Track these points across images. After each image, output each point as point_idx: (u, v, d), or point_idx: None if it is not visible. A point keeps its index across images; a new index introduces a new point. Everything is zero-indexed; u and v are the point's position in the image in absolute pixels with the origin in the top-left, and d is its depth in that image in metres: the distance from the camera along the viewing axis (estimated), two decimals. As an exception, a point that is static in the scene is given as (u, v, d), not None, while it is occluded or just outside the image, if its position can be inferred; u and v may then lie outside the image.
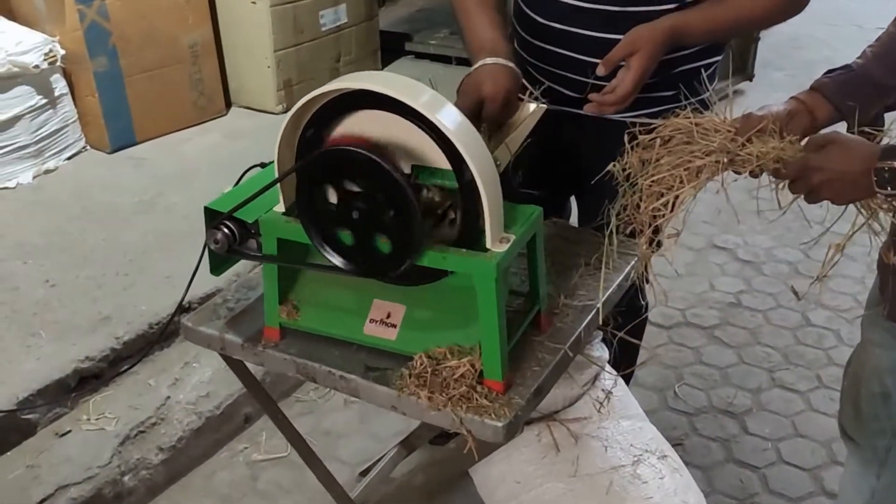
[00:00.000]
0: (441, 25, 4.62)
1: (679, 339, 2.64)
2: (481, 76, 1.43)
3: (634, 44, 1.42)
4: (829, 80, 1.36)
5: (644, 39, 1.42)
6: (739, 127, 1.29)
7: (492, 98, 1.40)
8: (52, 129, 3.18)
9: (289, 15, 3.61)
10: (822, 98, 1.35)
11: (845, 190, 1.21)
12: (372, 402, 1.28)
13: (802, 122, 1.33)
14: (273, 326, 1.35)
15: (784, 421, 2.33)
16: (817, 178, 1.21)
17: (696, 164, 1.27)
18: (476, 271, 1.17)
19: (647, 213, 1.30)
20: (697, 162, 1.27)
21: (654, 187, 1.29)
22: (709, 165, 1.27)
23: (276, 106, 3.71)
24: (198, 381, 2.25)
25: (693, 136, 1.30)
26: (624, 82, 1.42)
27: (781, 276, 2.94)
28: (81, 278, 2.50)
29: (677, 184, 1.28)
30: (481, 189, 1.15)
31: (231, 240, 1.31)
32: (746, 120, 1.29)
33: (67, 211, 2.90)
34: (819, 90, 1.36)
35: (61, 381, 2.13)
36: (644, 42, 1.42)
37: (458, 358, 1.23)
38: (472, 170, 1.14)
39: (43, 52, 3.06)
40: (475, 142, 1.17)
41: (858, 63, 1.38)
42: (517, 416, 1.20)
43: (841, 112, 1.34)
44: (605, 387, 1.63)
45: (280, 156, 1.24)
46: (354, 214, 1.18)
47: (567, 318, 1.39)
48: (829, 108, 1.34)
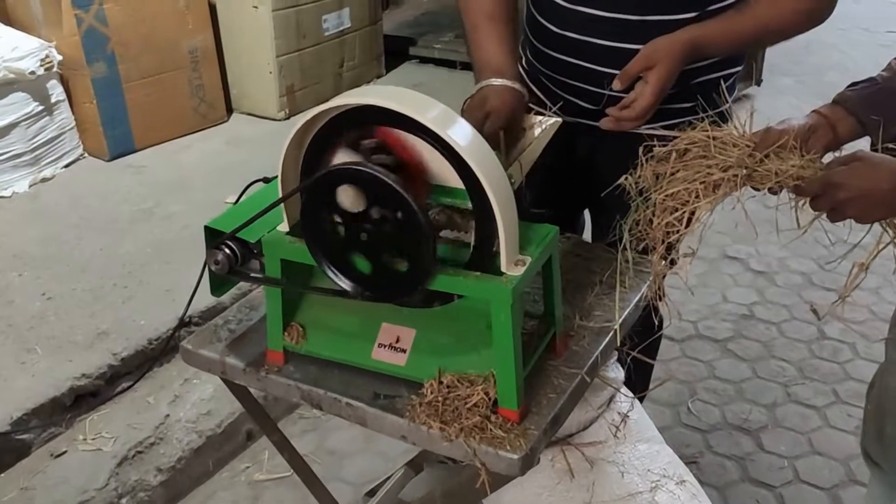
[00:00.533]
0: (445, 29, 4.57)
1: (692, 353, 2.58)
2: (486, 94, 1.38)
3: (652, 57, 1.37)
4: (853, 93, 1.31)
5: (662, 52, 1.36)
6: (759, 142, 1.23)
7: (496, 113, 1.35)
8: (49, 137, 3.13)
9: (291, 20, 3.56)
10: (844, 112, 1.29)
11: (871, 208, 1.17)
12: (380, 431, 1.22)
13: (824, 137, 1.28)
14: (276, 350, 1.29)
15: (800, 438, 2.27)
16: (842, 195, 1.16)
17: (713, 179, 1.22)
18: (492, 297, 1.11)
19: (661, 229, 1.24)
20: (714, 176, 1.22)
21: (668, 202, 1.24)
22: (726, 181, 1.21)
23: (279, 112, 3.66)
24: (198, 398, 2.20)
25: (710, 149, 1.24)
26: (642, 97, 1.36)
27: (795, 287, 2.88)
28: (79, 291, 2.44)
29: (692, 199, 1.22)
30: (496, 209, 1.09)
31: (232, 261, 1.25)
32: (766, 135, 1.24)
33: (64, 220, 2.85)
34: (842, 104, 1.30)
35: (57, 400, 2.07)
36: (662, 55, 1.36)
37: (470, 385, 1.17)
38: (487, 188, 1.08)
39: (39, 57, 3.01)
40: (489, 159, 1.11)
41: (883, 76, 1.33)
42: (533, 448, 1.14)
43: (864, 126, 1.28)
44: (620, 409, 1.57)
45: (284, 174, 1.18)
46: (363, 236, 1.12)
47: (583, 341, 1.33)
48: (851, 123, 1.29)
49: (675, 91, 1.45)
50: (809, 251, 3.00)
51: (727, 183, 1.21)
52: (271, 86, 3.62)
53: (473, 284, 1.12)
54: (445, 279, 1.13)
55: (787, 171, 1.19)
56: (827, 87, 1.32)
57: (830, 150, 1.29)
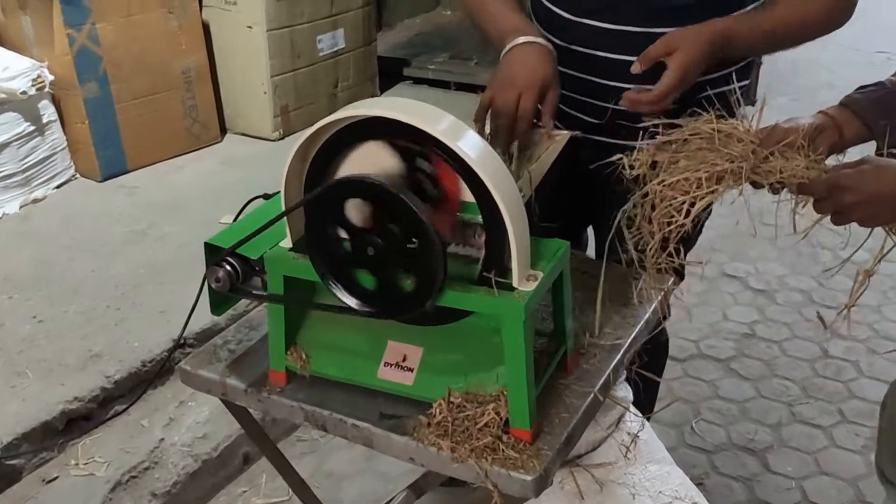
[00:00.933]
0: (439, 50, 4.58)
1: (694, 373, 2.55)
2: (514, 70, 1.34)
3: (673, 41, 1.33)
4: (862, 96, 1.29)
5: (684, 38, 1.33)
6: (764, 139, 1.21)
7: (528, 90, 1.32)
8: (40, 157, 3.08)
9: (286, 40, 3.54)
10: (852, 114, 1.27)
11: (879, 212, 1.14)
12: (387, 452, 1.18)
13: (830, 138, 1.25)
14: (279, 370, 1.25)
15: (807, 458, 2.24)
16: (849, 198, 1.13)
17: (717, 170, 1.19)
18: (504, 313, 1.08)
19: (659, 219, 1.21)
20: (717, 167, 1.19)
21: (668, 191, 1.20)
22: (729, 173, 1.18)
23: (273, 132, 3.63)
24: (194, 421, 2.15)
25: (714, 142, 1.21)
26: (661, 81, 1.32)
27: (796, 305, 2.86)
28: (70, 313, 2.39)
29: (693, 189, 1.19)
30: (508, 223, 1.06)
31: (234, 278, 1.22)
32: (772, 131, 1.22)
33: (56, 242, 2.80)
34: (849, 106, 1.28)
35: (48, 424, 2.01)
36: (684, 40, 1.32)
37: (480, 404, 1.14)
38: (498, 202, 1.05)
39: (31, 77, 2.97)
40: (500, 171, 1.08)
41: (893, 81, 1.31)
42: (547, 469, 1.11)
43: (871, 130, 1.27)
44: (630, 429, 1.53)
45: (287, 188, 1.15)
46: (370, 251, 1.09)
47: (594, 359, 1.30)
48: (858, 126, 1.27)
49: (682, 103, 1.43)
50: (808, 268, 2.99)
51: (730, 175, 1.18)
52: (265, 106, 3.60)
53: (485, 300, 1.09)
54: (455, 295, 1.10)
55: (792, 170, 1.17)
56: (822, 106, 1.30)
57: (835, 151, 1.27)
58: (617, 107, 1.44)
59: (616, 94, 1.42)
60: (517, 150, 1.33)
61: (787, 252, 3.07)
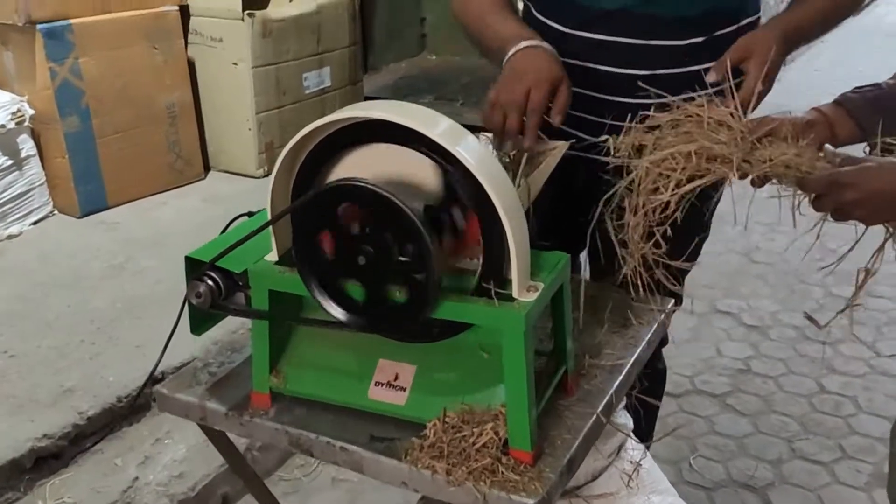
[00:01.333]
0: (425, 92, 4.59)
1: (690, 408, 2.48)
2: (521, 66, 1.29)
3: (748, 46, 1.29)
4: (857, 95, 1.27)
5: (757, 41, 1.30)
6: (753, 128, 1.18)
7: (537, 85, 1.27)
8: (17, 193, 3.02)
9: (271, 76, 3.52)
10: (845, 114, 1.25)
11: (880, 209, 1.11)
12: (378, 477, 1.11)
13: (821, 135, 1.23)
14: (262, 392, 1.18)
15: (810, 495, 2.16)
16: (850, 196, 1.10)
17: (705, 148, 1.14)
18: (504, 324, 1.02)
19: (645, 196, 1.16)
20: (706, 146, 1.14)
21: (654, 169, 1.16)
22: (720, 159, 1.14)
23: (257, 170, 3.58)
24: (170, 459, 2.05)
25: (703, 126, 1.17)
26: (745, 87, 1.26)
27: (790, 341, 2.81)
28: (43, 348, 2.30)
29: (680, 168, 1.14)
30: (508, 231, 1.01)
31: (216, 293, 1.16)
32: (762, 121, 1.19)
33: (31, 278, 2.72)
34: (844, 104, 1.26)
35: (16, 462, 1.92)
36: (758, 44, 1.29)
37: (477, 424, 1.07)
38: (498, 209, 1.00)
39: (10, 111, 2.93)
40: (500, 178, 1.03)
41: (889, 83, 1.29)
42: (550, 492, 1.03)
43: (864, 130, 1.24)
44: (632, 458, 1.46)
45: (274, 196, 1.10)
46: (361, 261, 1.03)
47: (595, 380, 1.24)
48: (851, 125, 1.25)
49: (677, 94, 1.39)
50: (801, 304, 2.94)
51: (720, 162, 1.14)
52: (250, 143, 3.55)
53: (483, 312, 1.03)
54: (452, 307, 1.04)
55: (781, 158, 1.13)
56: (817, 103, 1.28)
57: None
58: (614, 122, 1.40)
59: (614, 109, 1.38)
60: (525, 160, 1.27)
61: (780, 288, 3.04)
